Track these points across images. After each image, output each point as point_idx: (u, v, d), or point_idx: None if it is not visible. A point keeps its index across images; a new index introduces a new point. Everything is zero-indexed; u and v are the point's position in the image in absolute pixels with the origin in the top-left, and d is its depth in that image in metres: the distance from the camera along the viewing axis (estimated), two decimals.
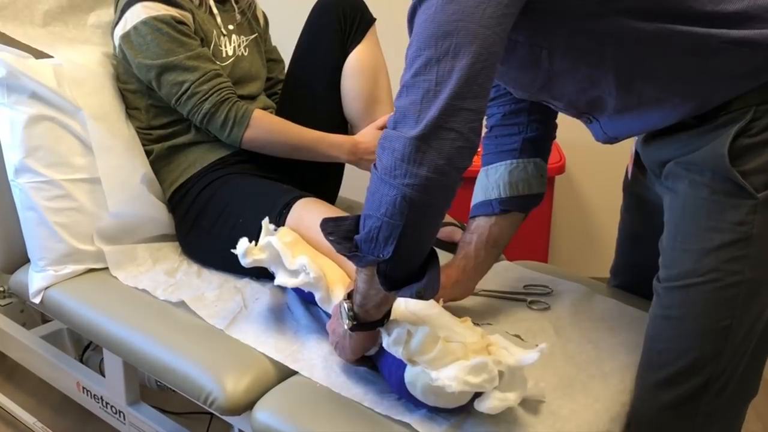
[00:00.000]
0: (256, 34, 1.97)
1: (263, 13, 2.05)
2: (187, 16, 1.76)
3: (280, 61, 2.08)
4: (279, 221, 1.62)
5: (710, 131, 1.25)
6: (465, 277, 1.55)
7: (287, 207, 1.63)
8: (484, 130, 1.54)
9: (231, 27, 1.88)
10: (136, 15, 1.72)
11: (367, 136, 1.83)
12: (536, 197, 1.57)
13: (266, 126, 1.76)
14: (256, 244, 1.54)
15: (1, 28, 1.82)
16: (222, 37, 1.85)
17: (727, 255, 1.26)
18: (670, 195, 1.34)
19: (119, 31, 1.74)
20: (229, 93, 1.75)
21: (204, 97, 1.72)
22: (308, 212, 1.62)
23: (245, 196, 1.73)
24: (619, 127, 1.35)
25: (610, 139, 1.39)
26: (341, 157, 1.81)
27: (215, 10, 1.85)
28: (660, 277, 1.34)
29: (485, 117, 1.53)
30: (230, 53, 1.85)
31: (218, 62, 1.80)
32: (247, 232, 1.65)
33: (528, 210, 1.57)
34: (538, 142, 1.56)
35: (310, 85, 1.87)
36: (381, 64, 1.87)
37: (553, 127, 1.58)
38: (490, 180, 1.54)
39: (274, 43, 2.09)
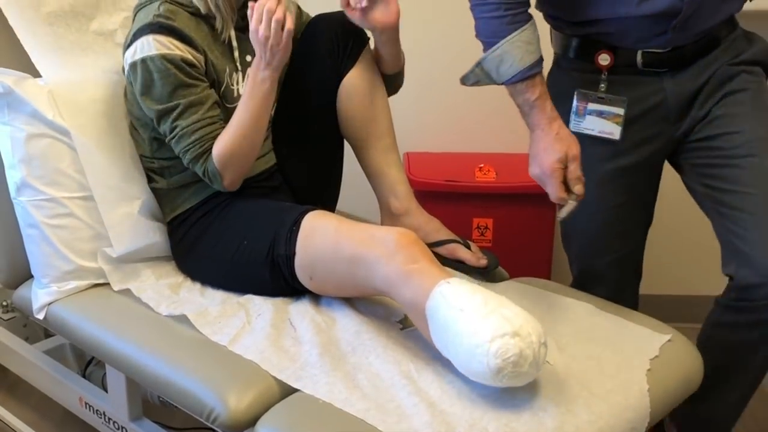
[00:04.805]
0: None
1: (295, 9, 1.89)
2: (198, 58, 1.69)
3: None
4: (290, 238, 1.61)
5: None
6: None
7: (297, 223, 1.61)
8: None
9: (248, 59, 1.78)
10: (146, 47, 1.65)
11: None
12: None
13: (232, 159, 1.67)
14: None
15: (9, 21, 1.81)
16: (235, 74, 1.77)
17: None
18: (729, 99, 1.65)
19: (128, 57, 1.69)
20: (209, 145, 1.68)
21: (187, 148, 1.68)
22: (320, 224, 1.61)
23: (248, 217, 1.72)
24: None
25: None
26: (264, 75, 1.64)
27: (234, 43, 1.76)
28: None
29: None
30: (242, 92, 1.75)
31: (228, 104, 1.75)
32: (253, 253, 1.65)
33: None
34: None
35: (304, 107, 1.85)
36: (376, 83, 1.83)
37: None
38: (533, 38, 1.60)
39: None
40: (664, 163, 1.79)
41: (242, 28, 1.77)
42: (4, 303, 2.20)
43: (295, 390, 1.42)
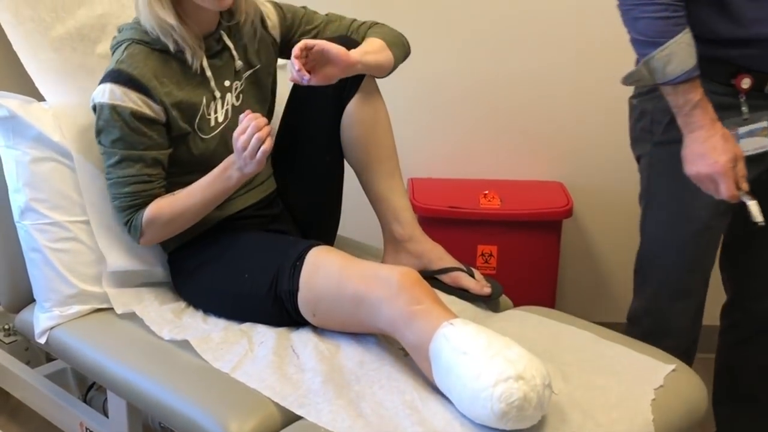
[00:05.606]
0: (258, 66, 1.84)
1: (277, 12, 1.86)
2: (155, 109, 1.66)
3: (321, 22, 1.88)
4: (294, 273, 1.61)
5: None
6: None
7: (300, 259, 1.61)
8: None
9: (227, 83, 1.77)
10: (101, 93, 1.65)
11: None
12: None
13: (161, 226, 1.69)
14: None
15: (14, 45, 1.81)
16: (213, 103, 1.75)
17: None
18: None
19: (91, 100, 1.69)
20: (140, 202, 1.68)
21: (117, 196, 1.68)
22: (324, 261, 1.61)
23: (250, 250, 1.72)
24: None
25: None
26: (232, 174, 1.66)
27: (209, 73, 1.74)
28: None
29: None
30: (220, 119, 1.75)
31: (203, 135, 1.73)
32: (255, 286, 1.64)
33: None
34: None
35: (306, 134, 1.85)
36: (379, 110, 1.82)
37: None
38: (693, 42, 1.60)
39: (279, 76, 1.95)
40: None
41: (214, 54, 1.76)
42: (6, 326, 2.20)
43: (298, 418, 1.41)
